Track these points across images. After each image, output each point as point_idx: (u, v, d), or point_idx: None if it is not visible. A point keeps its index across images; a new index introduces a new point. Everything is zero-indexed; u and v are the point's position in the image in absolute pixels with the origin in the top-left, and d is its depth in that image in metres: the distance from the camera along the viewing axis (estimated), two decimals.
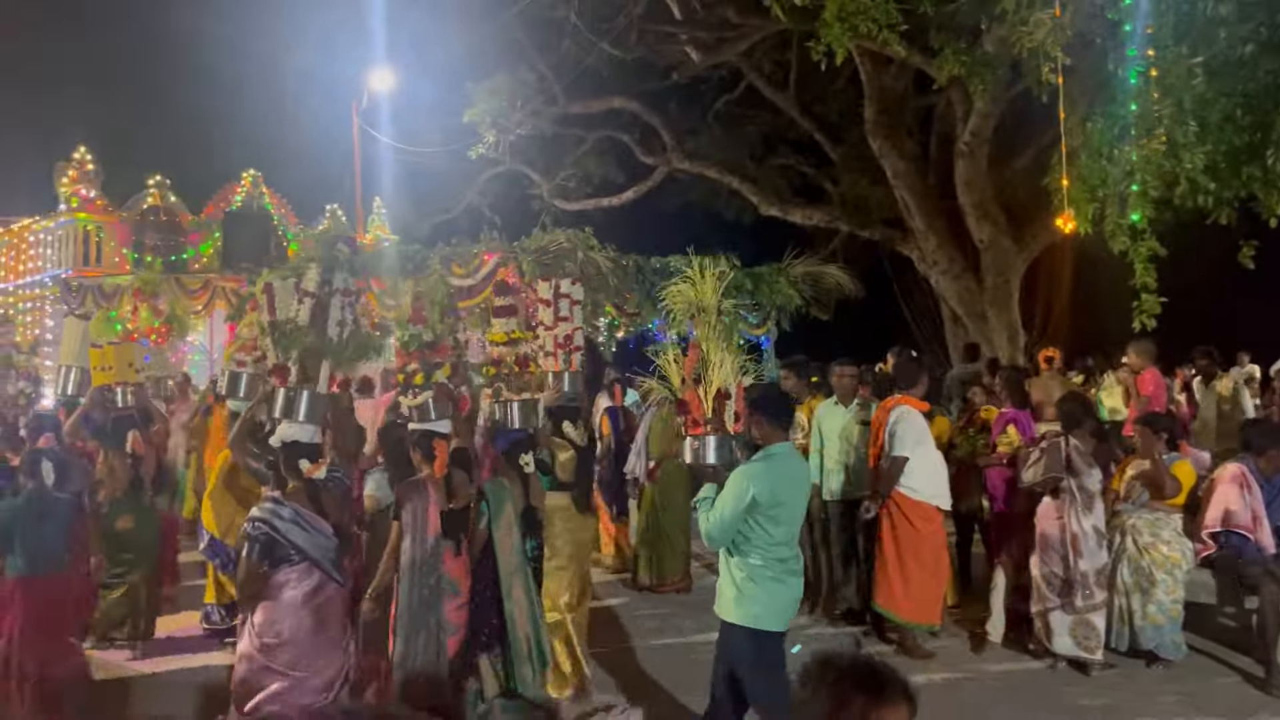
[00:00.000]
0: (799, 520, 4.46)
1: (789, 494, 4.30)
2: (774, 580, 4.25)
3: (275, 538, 4.49)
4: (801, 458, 4.88)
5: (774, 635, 4.27)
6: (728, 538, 4.27)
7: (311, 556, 4.55)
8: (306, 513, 4.59)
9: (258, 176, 17.23)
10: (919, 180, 14.69)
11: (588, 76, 17.55)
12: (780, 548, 4.27)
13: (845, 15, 7.93)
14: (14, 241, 16.50)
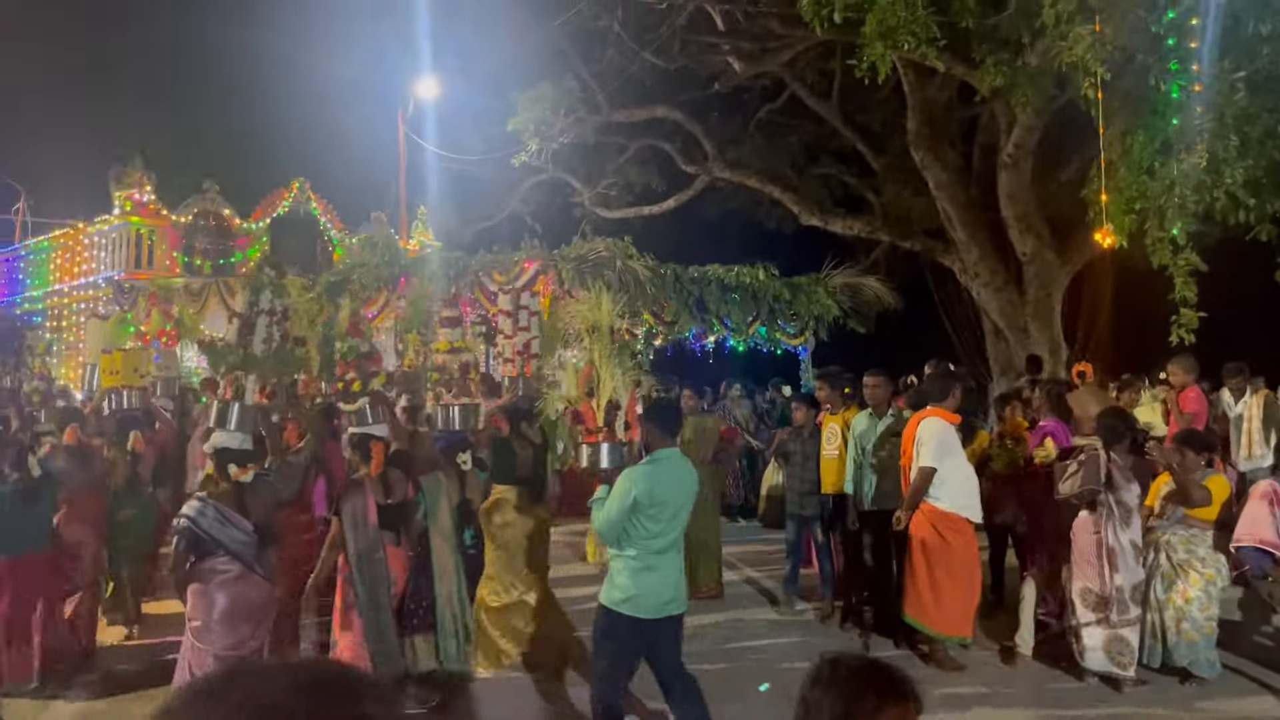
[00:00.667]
0: (680, 518, 4.85)
1: (669, 494, 4.72)
2: (645, 569, 4.66)
3: (198, 533, 5.00)
4: (686, 462, 5.08)
5: (627, 619, 4.66)
6: (614, 534, 4.70)
7: (230, 550, 5.03)
8: (228, 511, 5.07)
9: (305, 183, 17.57)
10: (961, 191, 14.62)
11: (631, 85, 17.68)
12: (656, 540, 4.69)
13: (886, 31, 7.94)
14: (70, 244, 16.96)
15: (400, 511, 5.67)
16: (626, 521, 4.64)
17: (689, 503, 4.93)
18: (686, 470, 4.99)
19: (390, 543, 5.60)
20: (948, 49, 9.91)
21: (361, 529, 5.45)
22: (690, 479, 4.99)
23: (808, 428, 8.08)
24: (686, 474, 4.96)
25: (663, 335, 12.23)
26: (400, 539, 5.67)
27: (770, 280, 11.97)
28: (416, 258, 11.96)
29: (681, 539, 4.93)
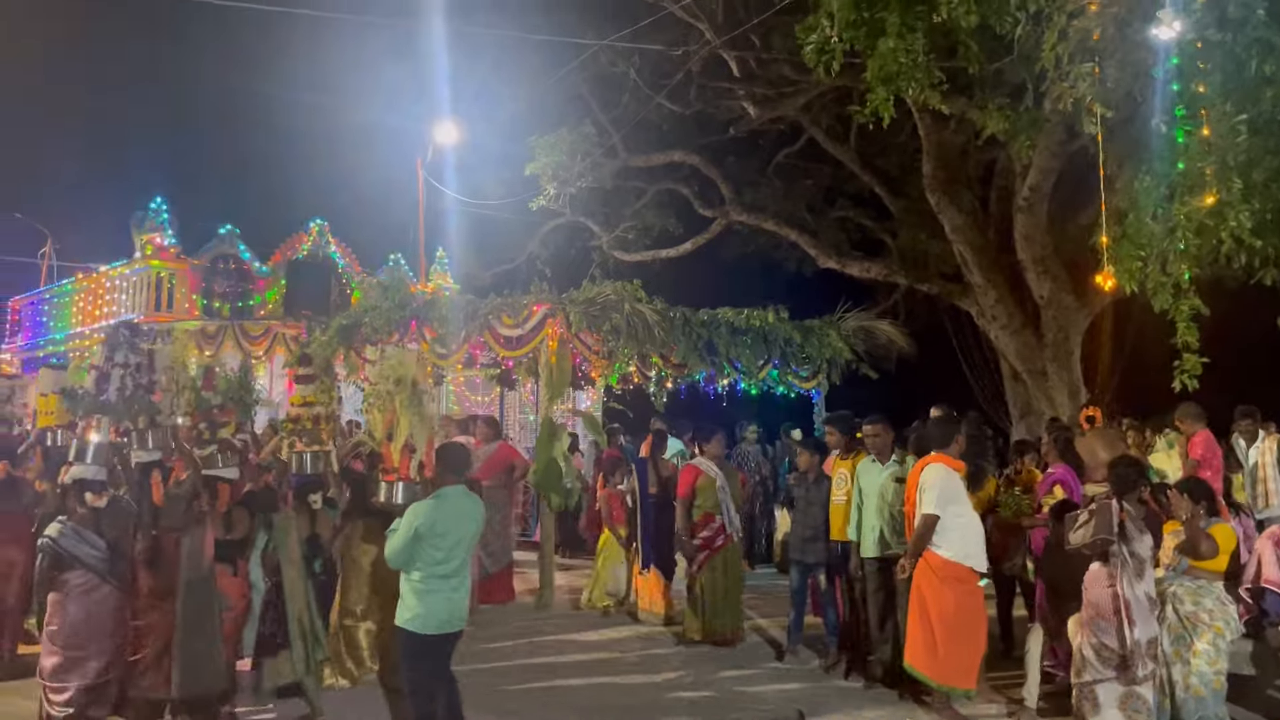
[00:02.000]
0: (462, 547, 5.46)
1: (449, 526, 5.36)
2: (429, 592, 5.30)
3: (59, 550, 5.94)
4: (470, 497, 5.69)
5: (415, 635, 5.31)
6: (401, 560, 5.34)
7: (87, 564, 5.97)
8: (85, 531, 6.04)
9: (324, 226, 17.76)
10: (978, 235, 14.53)
11: (648, 130, 17.83)
12: (440, 566, 5.32)
13: (888, 76, 7.94)
14: (93, 287, 17.21)
15: (239, 546, 6.43)
16: (412, 549, 5.28)
17: (470, 534, 5.57)
18: (470, 504, 5.62)
19: (227, 572, 6.30)
20: (955, 93, 9.90)
21: (196, 560, 6.04)
22: (473, 513, 5.61)
23: (813, 473, 7.99)
24: (468, 508, 5.58)
25: (672, 378, 12.16)
26: (236, 569, 6.40)
27: (781, 323, 11.87)
28: (428, 301, 11.97)
29: (467, 566, 5.55)
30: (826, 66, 8.32)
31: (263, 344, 13.69)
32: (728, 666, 7.81)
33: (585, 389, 15.79)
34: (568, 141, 16.55)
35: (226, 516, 6.40)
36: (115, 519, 6.20)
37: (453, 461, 5.72)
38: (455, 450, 5.95)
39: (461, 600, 5.48)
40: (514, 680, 7.41)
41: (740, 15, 13.97)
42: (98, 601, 5.97)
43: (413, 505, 5.52)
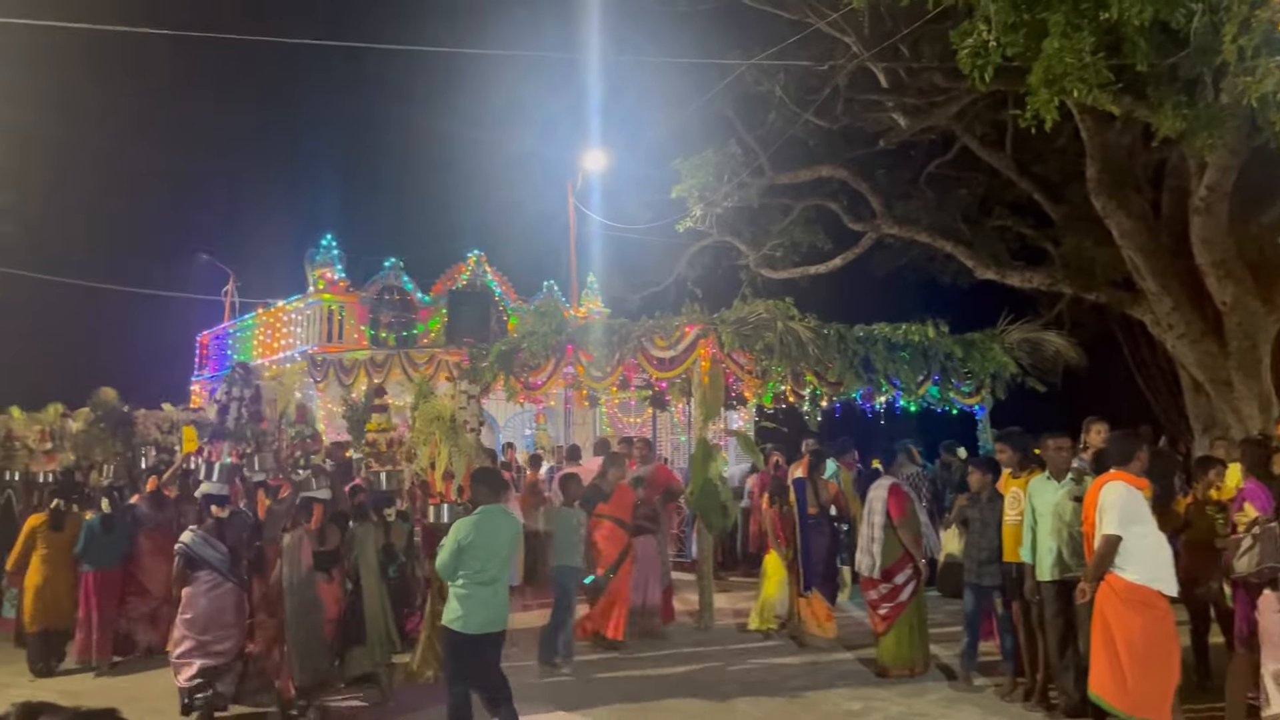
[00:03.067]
0: (495, 555, 6.12)
1: (486, 538, 6.08)
2: (470, 597, 5.99)
3: (192, 554, 7.16)
4: (505, 514, 6.44)
5: (457, 634, 5.99)
6: (448, 570, 6.07)
7: (213, 565, 7.17)
8: (211, 538, 7.25)
9: (481, 256, 18.37)
10: (1150, 239, 13.74)
11: (794, 147, 17.66)
12: (480, 574, 6.03)
13: (1052, 79, 7.60)
14: (271, 321, 18.29)
15: (332, 556, 7.38)
16: (456, 560, 6.01)
17: (507, 546, 6.24)
18: (505, 520, 6.36)
19: (323, 580, 7.24)
20: (1124, 91, 9.40)
21: (296, 569, 7.09)
22: (509, 527, 6.35)
23: (986, 492, 7.70)
24: (504, 522, 6.31)
25: (828, 396, 11.95)
26: (331, 576, 7.33)
27: (941, 337, 11.53)
28: (582, 326, 12.19)
29: (505, 573, 6.22)
30: (982, 72, 8.05)
31: (428, 371, 14.24)
32: (898, 693, 7.59)
33: (737, 409, 15.74)
34: (713, 162, 16.57)
35: (320, 531, 7.35)
36: (235, 528, 7.44)
37: (488, 483, 6.48)
38: (490, 474, 6.81)
39: (501, 604, 6.17)
40: (683, 694, 7.41)
41: (888, 25, 13.70)
42: (221, 596, 7.15)
43: (457, 522, 6.33)
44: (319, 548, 7.28)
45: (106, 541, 8.69)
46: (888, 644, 8.12)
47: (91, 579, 8.63)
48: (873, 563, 8.05)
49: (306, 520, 7.32)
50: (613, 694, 7.64)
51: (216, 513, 7.37)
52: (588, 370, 11.63)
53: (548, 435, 17.19)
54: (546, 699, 7.45)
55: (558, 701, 7.41)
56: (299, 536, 7.19)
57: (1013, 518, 7.29)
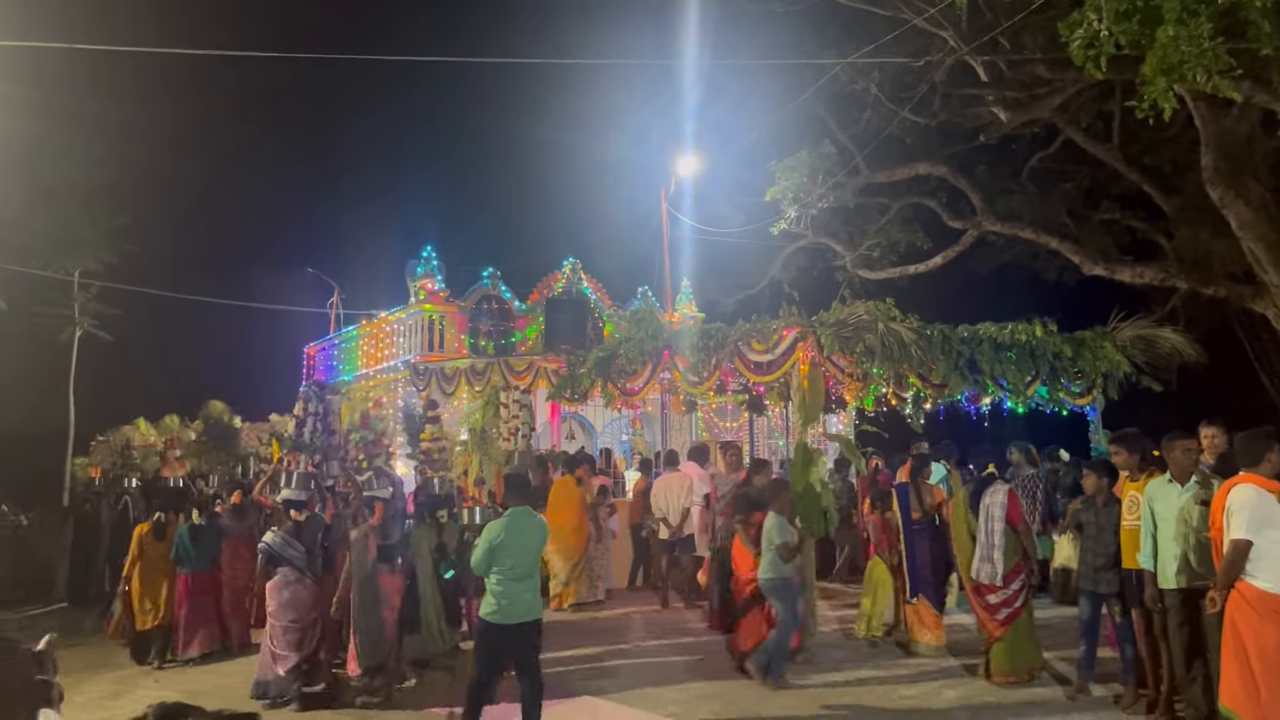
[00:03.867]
0: (525, 553, 6.62)
1: (513, 538, 6.56)
2: (504, 592, 6.49)
3: (273, 553, 8.02)
4: (533, 516, 6.85)
5: (493, 625, 6.51)
6: (483, 567, 6.56)
7: (292, 563, 7.99)
8: (290, 539, 8.05)
9: (577, 264, 18.56)
10: (1271, 229, 13.08)
11: (890, 145, 17.38)
12: (512, 570, 6.51)
13: (1169, 67, 7.28)
14: (375, 332, 18.77)
15: (394, 550, 8.14)
16: (489, 558, 6.49)
17: (535, 545, 6.74)
18: (532, 521, 6.80)
19: (386, 571, 7.96)
20: (1244, 76, 8.98)
21: (362, 562, 7.82)
22: (536, 527, 6.81)
23: (1102, 496, 7.43)
24: (531, 524, 6.77)
25: (932, 398, 11.70)
26: (395, 568, 8.07)
27: (1049, 336, 11.16)
28: (678, 330, 12.19)
29: (536, 569, 6.73)
30: (1095, 62, 7.78)
31: (526, 378, 14.40)
32: (1010, 703, 7.38)
33: (837, 412, 15.54)
34: (807, 163, 16.41)
35: (383, 527, 8.02)
36: (311, 530, 8.26)
37: (517, 488, 7.02)
38: (517, 479, 7.26)
39: (533, 598, 6.64)
40: (784, 704, 7.34)
41: (987, 18, 13.36)
42: (300, 590, 7.98)
43: (489, 524, 6.83)
44: (382, 542, 7.98)
45: (195, 548, 9.63)
46: (1000, 651, 7.90)
47: (184, 581, 9.61)
48: (994, 570, 7.85)
49: (370, 517, 8.02)
50: (716, 700, 7.61)
51: (295, 516, 8.17)
52: (684, 375, 11.61)
53: (644, 441, 17.23)
54: (627, 700, 7.46)
55: (661, 709, 7.41)
56: (364, 532, 7.90)
57: (1131, 522, 7.01)
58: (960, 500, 8.41)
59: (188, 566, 9.59)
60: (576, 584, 11.56)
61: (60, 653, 3.94)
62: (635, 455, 16.28)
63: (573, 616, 11.11)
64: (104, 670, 9.26)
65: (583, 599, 11.62)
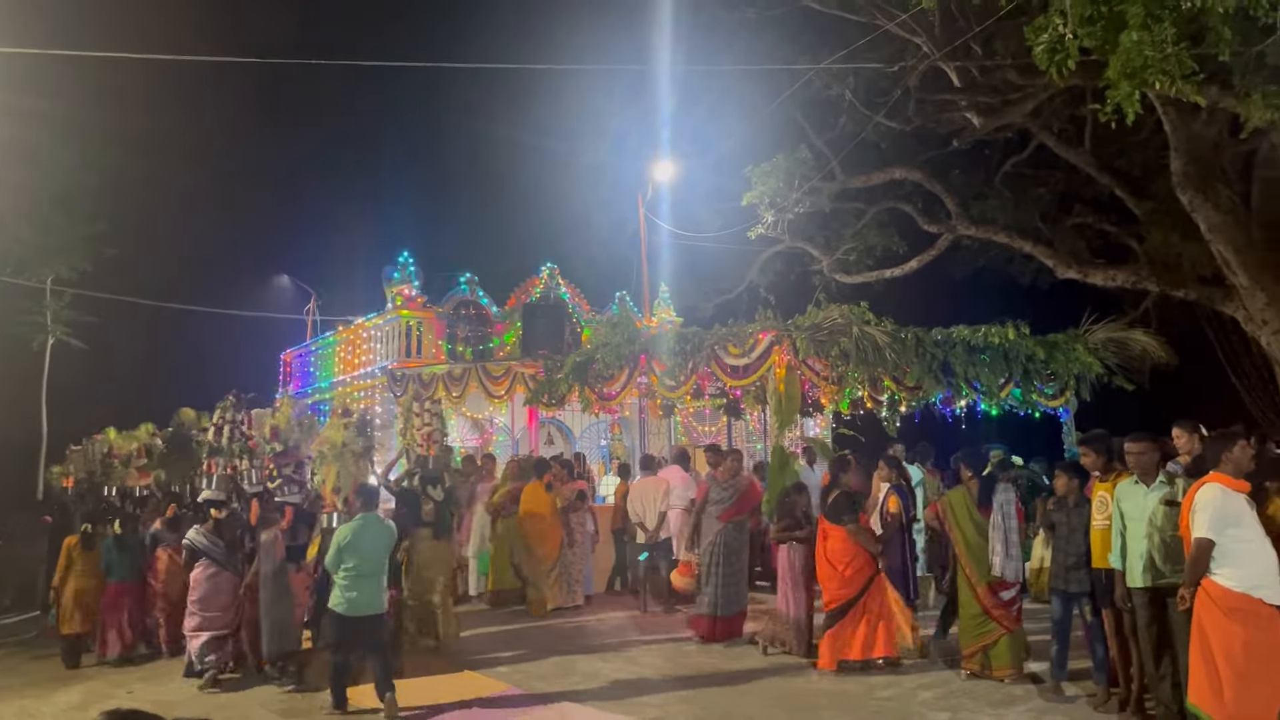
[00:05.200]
0: (371, 553, 7.59)
1: (358, 541, 7.53)
2: (349, 587, 7.48)
3: (195, 548, 8.93)
4: (380, 522, 7.92)
5: (340, 615, 7.47)
6: (333, 565, 7.53)
7: (212, 557, 8.90)
8: (211, 535, 8.96)
9: (554, 269, 18.55)
10: (1240, 233, 13.26)
11: (866, 150, 17.51)
12: (355, 569, 7.49)
13: (1133, 71, 7.39)
14: (351, 338, 18.69)
15: (302, 550, 8.73)
16: (339, 557, 7.46)
17: (380, 548, 7.70)
18: (378, 526, 7.82)
19: (294, 569, 8.65)
20: (1209, 81, 9.11)
21: (270, 560, 8.66)
22: (381, 531, 7.80)
23: (1072, 497, 7.51)
24: (378, 529, 7.79)
25: (907, 401, 11.78)
26: (301, 566, 8.67)
27: (1023, 339, 11.28)
28: (655, 335, 12.22)
29: (381, 569, 7.68)
30: (1060, 67, 7.88)
31: (504, 384, 14.40)
32: (987, 703, 7.44)
33: (814, 415, 15.61)
34: (784, 168, 16.48)
35: (292, 529, 8.80)
36: (231, 527, 9.12)
37: (363, 497, 8.08)
38: (367, 489, 8.37)
39: (376, 593, 7.60)
40: (765, 704, 7.37)
41: (960, 24, 13.49)
42: (220, 582, 8.84)
43: (339, 527, 7.77)
44: (291, 543, 8.75)
45: (120, 558, 9.97)
46: (1005, 645, 7.98)
47: (111, 590, 9.95)
48: (1018, 566, 7.97)
49: (279, 520, 8.87)
50: (694, 702, 7.63)
51: (215, 514, 9.04)
52: (661, 380, 11.66)
53: (623, 445, 17.26)
54: (605, 705, 7.48)
55: (638, 713, 7.43)
56: (274, 534, 8.75)
57: (1100, 522, 7.09)
58: (961, 501, 8.40)
59: (115, 576, 9.94)
60: (553, 589, 11.56)
61: None
62: (614, 460, 16.28)
63: (550, 621, 11.11)
64: (75, 682, 9.18)
65: (560, 604, 11.62)
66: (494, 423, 17.37)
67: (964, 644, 8.23)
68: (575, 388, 12.53)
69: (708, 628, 9.69)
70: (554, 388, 12.88)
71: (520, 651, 9.65)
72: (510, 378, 14.31)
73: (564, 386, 12.65)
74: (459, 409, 16.38)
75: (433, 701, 7.80)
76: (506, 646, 9.91)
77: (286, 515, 8.91)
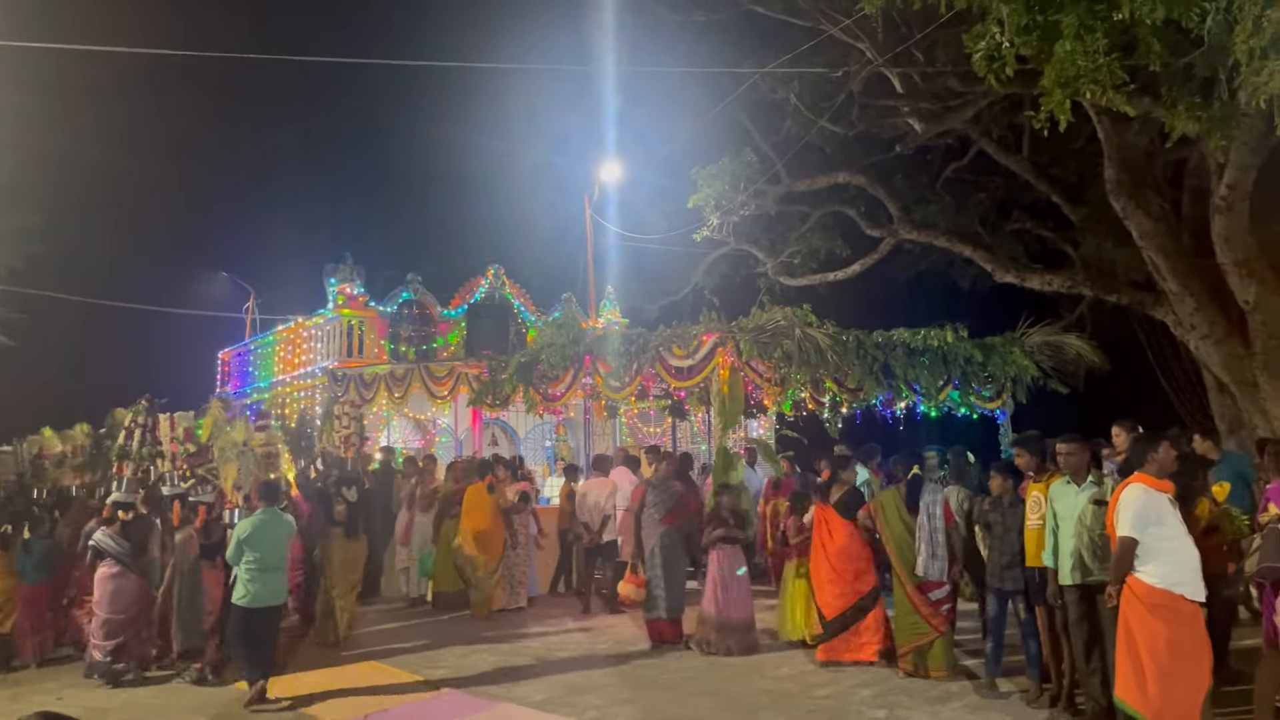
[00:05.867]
0: (271, 548, 7.96)
1: (258, 536, 7.89)
2: (251, 580, 7.82)
3: (100, 548, 8.94)
4: (279, 517, 8.26)
5: (242, 608, 7.80)
6: (235, 559, 7.91)
7: (117, 558, 8.89)
8: (117, 536, 8.94)
9: (500, 269, 18.45)
10: (1170, 239, 13.63)
11: (810, 154, 17.67)
12: (257, 562, 7.84)
13: (1066, 80, 7.57)
14: (291, 337, 18.40)
15: (217, 547, 8.86)
16: (240, 550, 7.80)
17: (279, 541, 8.09)
18: (278, 520, 8.18)
19: (207, 566, 8.87)
20: (1140, 92, 9.34)
21: (185, 558, 8.91)
22: (280, 525, 8.16)
23: (1007, 496, 7.66)
24: (277, 523, 8.14)
25: (848, 403, 11.93)
26: (214, 564, 8.84)
27: (961, 342, 11.49)
28: (599, 336, 12.22)
29: (281, 563, 8.10)
30: (997, 74, 8.03)
31: (447, 384, 14.28)
32: (923, 699, 7.55)
33: (757, 417, 15.72)
34: (729, 171, 16.58)
35: (205, 528, 9.04)
36: (138, 529, 9.11)
37: (265, 493, 8.40)
38: (268, 485, 8.66)
39: (277, 585, 7.98)
40: (707, 704, 7.40)
41: (902, 31, 13.68)
42: (124, 583, 8.86)
43: (240, 522, 8.12)
44: (204, 541, 8.98)
45: (31, 561, 9.85)
46: (941, 646, 8.11)
47: (26, 593, 9.86)
48: (942, 566, 8.08)
49: (194, 519, 9.11)
50: (636, 704, 7.64)
51: (123, 516, 9.06)
52: (606, 381, 11.66)
53: (568, 446, 17.22)
54: (546, 706, 7.47)
55: (580, 714, 7.41)
56: (188, 533, 9.01)
57: (1033, 522, 7.24)
58: (891, 502, 8.52)
59: (29, 579, 9.85)
60: (496, 591, 11.50)
61: None
62: (560, 461, 16.24)
63: (493, 623, 11.05)
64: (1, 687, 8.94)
65: (504, 606, 11.56)
66: (437, 424, 17.22)
67: (899, 643, 8.35)
68: (520, 388, 12.49)
69: (662, 631, 9.64)
70: (498, 388, 12.82)
71: (461, 653, 9.60)
72: (454, 378, 14.20)
73: (508, 387, 12.60)
74: (401, 410, 16.22)
75: (376, 705, 7.74)
76: (449, 648, 9.84)
77: (200, 514, 9.16)
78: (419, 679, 8.60)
